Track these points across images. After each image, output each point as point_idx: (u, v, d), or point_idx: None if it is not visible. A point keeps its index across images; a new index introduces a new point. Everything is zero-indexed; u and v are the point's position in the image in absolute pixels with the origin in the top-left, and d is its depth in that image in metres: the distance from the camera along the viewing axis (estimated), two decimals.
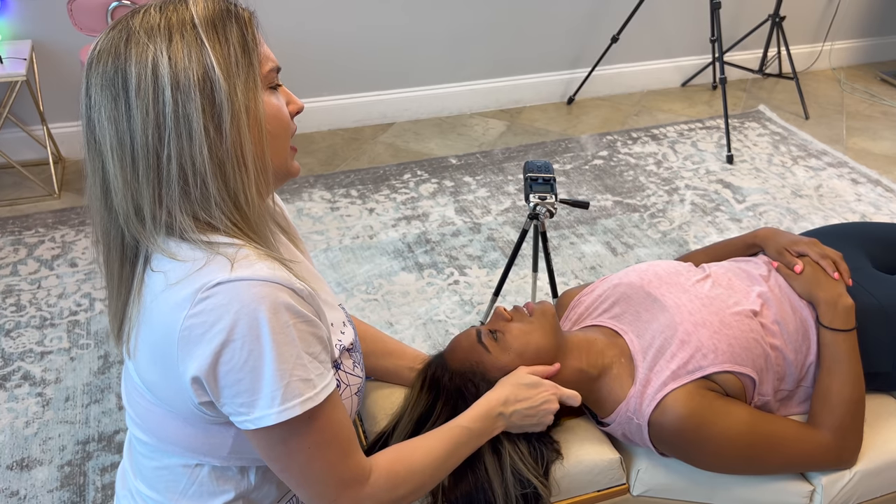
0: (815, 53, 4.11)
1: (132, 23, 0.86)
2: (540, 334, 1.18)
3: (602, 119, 3.56)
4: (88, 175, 0.89)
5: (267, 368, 0.84)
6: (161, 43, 0.84)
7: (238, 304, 0.82)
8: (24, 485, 1.73)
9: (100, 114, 0.85)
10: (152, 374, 0.91)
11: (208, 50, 0.85)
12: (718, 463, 1.19)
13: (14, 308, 2.25)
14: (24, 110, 2.91)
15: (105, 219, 0.90)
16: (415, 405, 1.18)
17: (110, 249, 0.91)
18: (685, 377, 1.17)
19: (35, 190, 2.82)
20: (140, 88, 0.83)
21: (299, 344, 0.86)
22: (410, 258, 2.52)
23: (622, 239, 2.65)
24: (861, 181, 3.05)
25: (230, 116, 0.85)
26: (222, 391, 0.85)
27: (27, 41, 2.77)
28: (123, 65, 0.84)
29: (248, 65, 0.87)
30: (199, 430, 0.93)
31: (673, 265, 1.38)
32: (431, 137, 3.35)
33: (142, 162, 0.84)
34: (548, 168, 1.79)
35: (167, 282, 0.86)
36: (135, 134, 0.84)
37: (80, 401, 1.95)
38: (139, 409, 0.97)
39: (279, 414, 0.85)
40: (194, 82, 0.83)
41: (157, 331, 0.87)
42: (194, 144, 0.84)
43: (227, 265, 0.84)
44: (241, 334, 0.82)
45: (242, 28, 0.88)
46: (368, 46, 3.27)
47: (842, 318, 1.26)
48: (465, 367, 1.16)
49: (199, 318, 0.83)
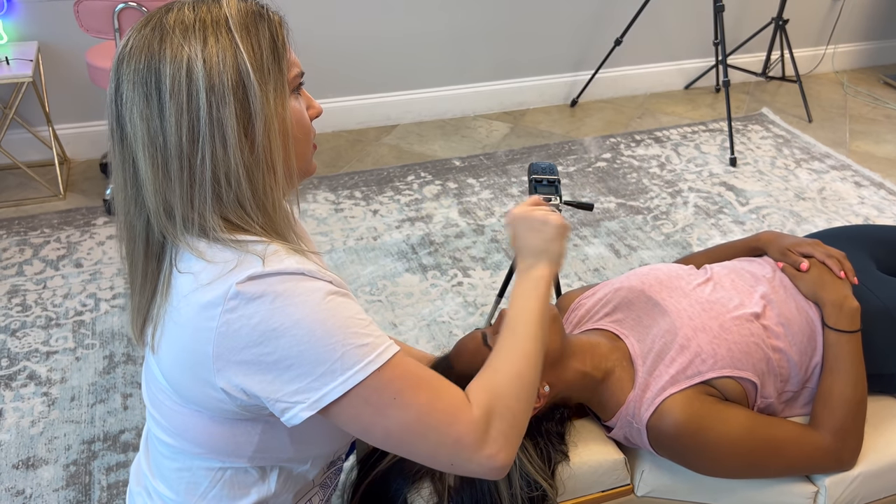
0: (818, 56, 4.11)
1: (166, 20, 0.85)
2: None
3: (605, 121, 3.56)
4: (115, 169, 0.89)
5: (318, 350, 0.82)
6: (196, 44, 0.83)
7: (272, 296, 0.82)
8: (29, 484, 1.73)
9: (131, 111, 0.85)
10: (178, 374, 0.90)
11: (243, 53, 0.84)
12: (717, 468, 1.19)
13: (20, 308, 2.26)
14: (30, 111, 2.93)
15: (132, 213, 0.90)
16: None
17: (136, 244, 0.91)
18: (684, 382, 1.17)
19: (40, 191, 2.83)
20: (174, 89, 0.83)
21: (344, 314, 0.84)
22: (414, 260, 2.52)
23: (625, 241, 2.65)
24: (864, 184, 3.05)
25: (262, 123, 0.85)
26: (273, 386, 0.83)
27: (33, 42, 2.78)
28: (157, 64, 0.83)
29: (279, 70, 0.88)
30: (226, 429, 0.92)
31: (674, 269, 1.38)
32: (435, 139, 3.35)
33: (174, 163, 0.84)
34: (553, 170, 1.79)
35: (198, 282, 0.85)
36: (168, 135, 0.83)
37: (85, 400, 1.95)
38: (163, 409, 0.96)
39: (343, 384, 0.82)
40: (229, 86, 0.83)
41: (187, 331, 0.86)
42: (228, 149, 0.84)
43: (258, 261, 0.84)
44: (278, 322, 0.81)
45: (273, 32, 0.88)
46: (372, 49, 3.28)
47: (847, 320, 1.26)
48: (471, 370, 1.15)
49: (234, 313, 0.82)
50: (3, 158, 2.89)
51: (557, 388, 1.19)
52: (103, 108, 3.25)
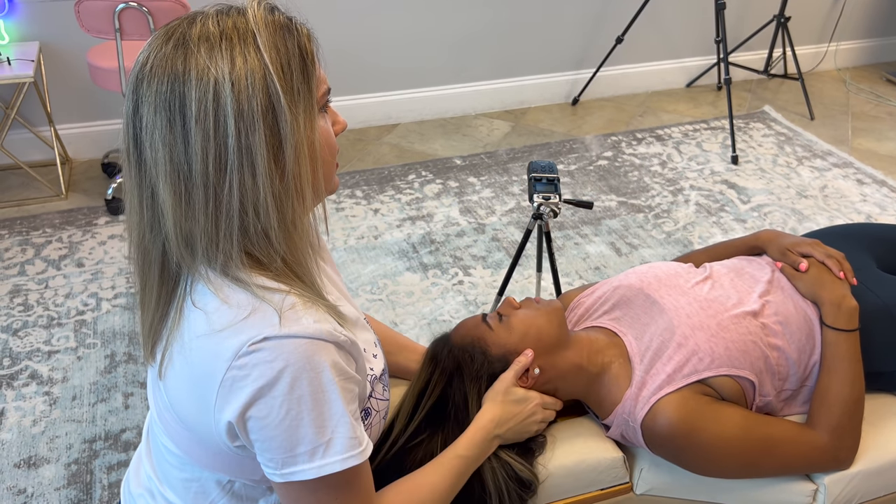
0: (820, 54, 4.10)
1: (189, 36, 0.79)
2: (545, 320, 1.19)
3: (607, 120, 3.56)
4: (130, 191, 0.84)
5: (305, 428, 0.83)
6: (223, 64, 0.78)
7: (282, 363, 0.80)
8: (31, 483, 1.74)
9: (153, 136, 0.79)
10: (186, 407, 0.89)
11: (273, 76, 0.79)
12: (712, 468, 1.19)
13: (21, 308, 2.27)
14: (32, 111, 2.93)
15: (147, 239, 0.85)
16: (416, 381, 1.19)
17: (150, 268, 0.87)
18: (680, 381, 1.17)
19: (42, 190, 2.84)
20: (200, 115, 0.77)
21: (343, 402, 0.84)
22: (415, 258, 2.53)
23: (626, 239, 2.65)
24: (866, 182, 3.05)
25: (293, 148, 0.81)
26: (254, 443, 0.85)
27: (35, 43, 2.79)
28: (181, 87, 0.78)
29: (308, 91, 0.83)
30: (231, 459, 0.92)
31: (673, 267, 1.38)
32: (436, 138, 3.35)
33: (199, 192, 0.79)
34: (552, 168, 1.79)
35: (210, 326, 0.83)
36: (192, 163, 0.79)
37: (86, 400, 1.96)
38: (169, 426, 0.95)
39: (319, 469, 0.84)
40: (259, 111, 0.78)
41: (197, 373, 0.85)
42: (257, 178, 0.79)
43: (274, 317, 0.81)
44: (281, 392, 0.81)
45: (303, 49, 0.83)
46: (373, 48, 3.28)
47: (845, 319, 1.26)
48: (466, 342, 1.18)
49: (242, 370, 0.81)
50: (5, 158, 2.89)
51: (548, 374, 1.19)
52: (105, 107, 3.27)
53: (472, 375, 1.15)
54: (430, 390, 1.16)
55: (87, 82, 2.89)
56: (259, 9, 0.83)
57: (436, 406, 1.15)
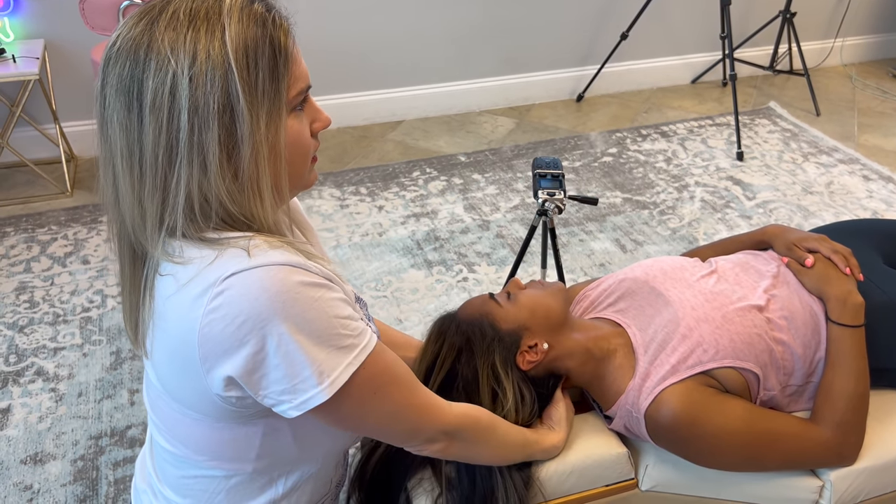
0: (826, 50, 4.08)
1: (157, 26, 0.78)
2: (552, 298, 1.22)
3: (611, 116, 3.55)
4: (101, 171, 0.86)
5: (303, 351, 0.80)
6: (184, 59, 0.77)
7: (257, 293, 0.78)
8: (37, 479, 1.74)
9: (112, 117, 0.80)
10: (172, 378, 0.88)
11: (235, 76, 0.77)
12: (715, 460, 1.19)
13: (27, 305, 2.27)
14: (37, 109, 2.94)
15: (114, 215, 0.87)
16: (422, 357, 1.20)
17: (122, 247, 0.89)
18: (684, 372, 1.17)
19: (48, 188, 2.85)
20: (155, 105, 0.77)
21: (329, 313, 0.82)
22: (419, 255, 2.53)
23: (631, 236, 2.64)
24: (872, 178, 3.03)
25: (249, 150, 0.80)
26: (261, 384, 0.82)
27: (40, 40, 2.79)
28: (140, 74, 0.78)
29: (275, 92, 0.81)
30: (227, 434, 0.91)
31: (678, 261, 1.38)
32: (440, 135, 3.35)
33: (149, 178, 0.80)
34: (556, 164, 1.79)
35: (177, 283, 0.82)
36: (144, 149, 0.79)
37: (92, 396, 1.97)
38: (163, 415, 0.95)
39: (328, 388, 0.82)
40: (214, 110, 0.77)
41: (174, 333, 0.84)
42: (209, 175, 0.79)
43: (240, 254, 0.80)
44: (267, 323, 0.78)
45: (276, 50, 0.81)
46: (377, 44, 3.28)
47: (850, 315, 1.25)
48: (474, 318, 1.19)
49: (218, 312, 0.79)
50: (11, 156, 2.90)
51: (556, 351, 1.20)
52: None
53: (483, 350, 1.16)
54: (440, 366, 1.16)
55: (92, 80, 2.89)
56: (237, 2, 0.81)
57: (444, 381, 1.16)
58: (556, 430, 1.20)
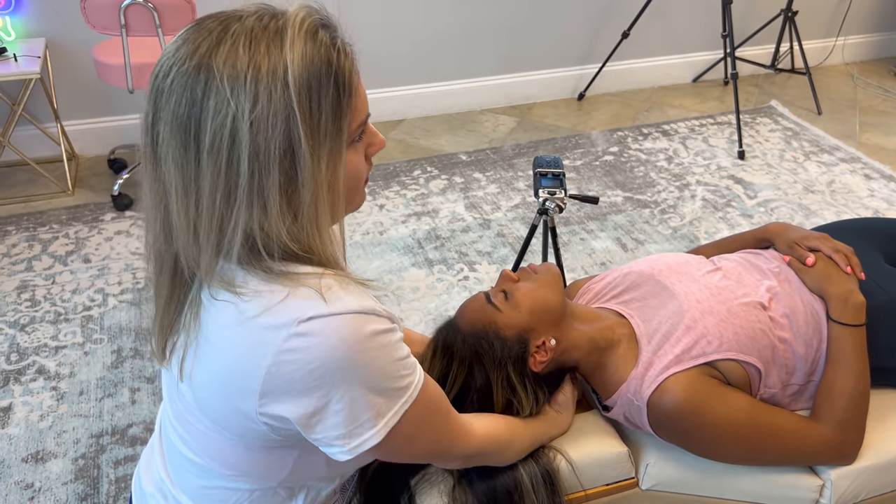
0: (827, 48, 4.08)
1: (215, 60, 0.74)
2: (548, 290, 1.19)
3: (612, 115, 3.55)
4: (149, 200, 0.82)
5: (365, 399, 0.81)
6: (245, 102, 0.73)
7: (335, 342, 0.77)
8: (38, 477, 1.75)
9: (167, 154, 0.76)
10: (215, 402, 0.86)
11: (297, 119, 0.74)
12: (715, 450, 1.19)
13: (29, 303, 2.28)
14: (39, 108, 2.94)
15: (161, 244, 0.83)
16: (429, 371, 1.18)
17: (162, 268, 0.85)
18: (688, 362, 1.17)
19: (49, 187, 2.85)
20: (213, 147, 0.74)
21: (393, 357, 0.83)
22: (420, 254, 2.53)
23: (632, 235, 2.64)
24: (874, 177, 3.03)
25: (310, 192, 0.77)
26: (316, 428, 0.82)
27: (41, 39, 2.79)
28: (198, 114, 0.74)
29: (337, 131, 0.77)
30: (261, 456, 0.90)
31: (683, 256, 1.38)
32: (441, 134, 3.35)
33: (205, 217, 0.77)
34: (557, 163, 1.79)
35: (241, 314, 0.80)
36: (202, 190, 0.76)
37: (93, 395, 1.97)
38: (194, 432, 0.92)
39: (382, 430, 0.83)
40: (275, 155, 0.74)
41: (229, 363, 0.81)
42: (268, 217, 0.76)
43: (315, 297, 0.78)
44: (338, 375, 0.78)
45: (340, 88, 0.77)
46: (378, 43, 3.28)
47: (852, 314, 1.25)
48: (478, 328, 1.17)
49: (292, 355, 0.77)
50: (12, 155, 2.90)
51: (563, 344, 1.20)
52: (111, 104, 3.27)
53: (494, 363, 1.15)
54: (451, 382, 1.16)
55: (94, 78, 2.90)
56: (300, 31, 0.76)
57: (456, 396, 1.16)
58: (563, 413, 1.23)
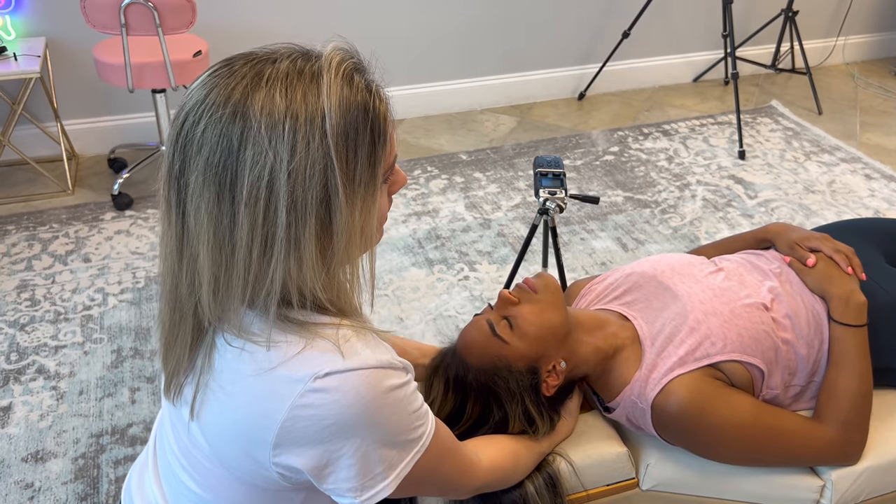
0: (828, 48, 4.08)
1: (251, 109, 0.72)
2: (551, 311, 1.17)
3: (613, 115, 3.54)
4: (168, 244, 0.79)
5: (378, 453, 0.81)
6: (283, 152, 0.71)
7: (351, 400, 0.77)
8: (38, 477, 1.74)
9: (198, 207, 0.74)
10: (227, 447, 0.85)
11: (335, 167, 0.73)
12: (719, 452, 1.19)
13: (29, 303, 2.27)
14: (39, 107, 2.94)
15: (183, 290, 0.80)
16: (441, 406, 1.18)
17: (178, 313, 0.83)
18: (692, 364, 1.17)
19: (49, 186, 2.85)
20: (251, 199, 0.72)
21: (408, 410, 0.83)
22: (421, 254, 2.52)
23: (633, 234, 2.64)
24: (874, 177, 3.03)
25: (344, 240, 0.76)
26: (328, 479, 0.82)
27: (41, 38, 2.79)
28: (234, 165, 0.72)
29: (371, 177, 0.77)
30: (268, 497, 0.89)
31: (686, 257, 1.38)
32: (442, 133, 3.35)
33: (238, 271, 0.75)
34: (558, 163, 1.79)
35: (258, 364, 0.79)
36: (236, 243, 0.74)
37: (93, 394, 1.97)
38: (200, 469, 0.91)
39: (394, 481, 0.83)
40: (312, 205, 0.73)
41: (244, 411, 0.80)
42: (303, 268, 0.75)
43: (333, 351, 0.78)
44: (353, 428, 0.78)
45: (375, 133, 0.76)
46: (378, 43, 3.28)
47: (853, 314, 1.25)
48: (488, 364, 1.15)
49: (308, 410, 0.77)
50: (12, 154, 2.90)
51: (573, 361, 1.19)
52: (111, 103, 3.26)
53: (510, 396, 1.15)
54: (467, 417, 1.16)
55: (94, 78, 2.89)
56: (336, 77, 0.75)
57: (471, 427, 1.17)
58: (567, 419, 1.23)
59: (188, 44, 2.66)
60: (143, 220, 2.69)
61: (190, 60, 2.58)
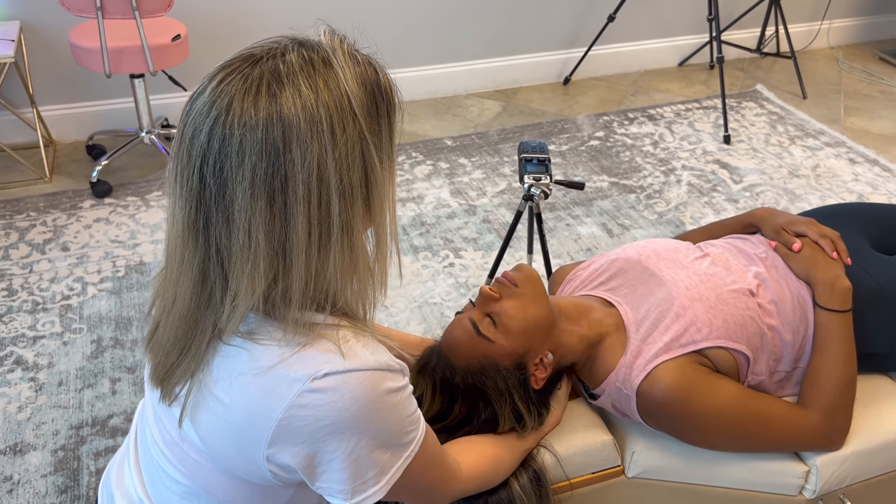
0: (813, 32, 4.07)
1: (284, 109, 0.72)
2: (534, 305, 1.14)
3: (598, 99, 3.53)
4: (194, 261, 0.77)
5: (371, 457, 0.82)
6: (326, 139, 0.73)
7: (348, 402, 0.77)
8: (17, 470, 1.72)
9: (250, 221, 0.73)
10: (220, 445, 0.85)
11: (369, 144, 0.76)
12: (704, 438, 1.19)
13: (6, 293, 2.23)
14: (14, 93, 2.88)
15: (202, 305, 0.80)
16: (428, 407, 1.16)
17: (188, 323, 0.81)
18: (677, 350, 1.16)
19: (26, 173, 2.79)
20: (305, 196, 0.73)
21: (403, 414, 0.83)
22: (405, 240, 2.50)
23: (618, 220, 2.63)
24: (858, 161, 3.03)
25: (389, 213, 0.81)
26: (320, 478, 0.83)
27: (15, 22, 2.73)
28: (283, 167, 0.72)
29: (392, 145, 0.81)
30: (256, 491, 0.89)
31: (671, 243, 1.37)
32: (426, 119, 3.32)
33: (300, 272, 0.76)
34: (542, 148, 1.77)
35: (255, 363, 0.79)
36: (292, 243, 0.74)
37: (73, 385, 1.94)
38: (186, 460, 0.90)
39: (385, 486, 0.84)
40: (358, 185, 0.76)
41: (240, 410, 0.80)
42: (356, 251, 0.78)
43: (332, 352, 0.78)
44: (349, 430, 0.79)
45: (388, 104, 0.80)
46: (362, 26, 3.23)
47: (838, 300, 1.25)
48: (474, 365, 1.14)
49: (304, 410, 0.77)
50: None
51: (559, 353, 1.18)
52: (89, 88, 3.20)
53: (498, 394, 1.14)
54: (454, 417, 1.15)
55: (70, 62, 2.84)
56: (346, 59, 0.77)
57: (457, 425, 1.16)
58: (555, 409, 1.22)
59: (166, 27, 2.61)
60: (122, 208, 2.64)
61: (168, 44, 2.53)
